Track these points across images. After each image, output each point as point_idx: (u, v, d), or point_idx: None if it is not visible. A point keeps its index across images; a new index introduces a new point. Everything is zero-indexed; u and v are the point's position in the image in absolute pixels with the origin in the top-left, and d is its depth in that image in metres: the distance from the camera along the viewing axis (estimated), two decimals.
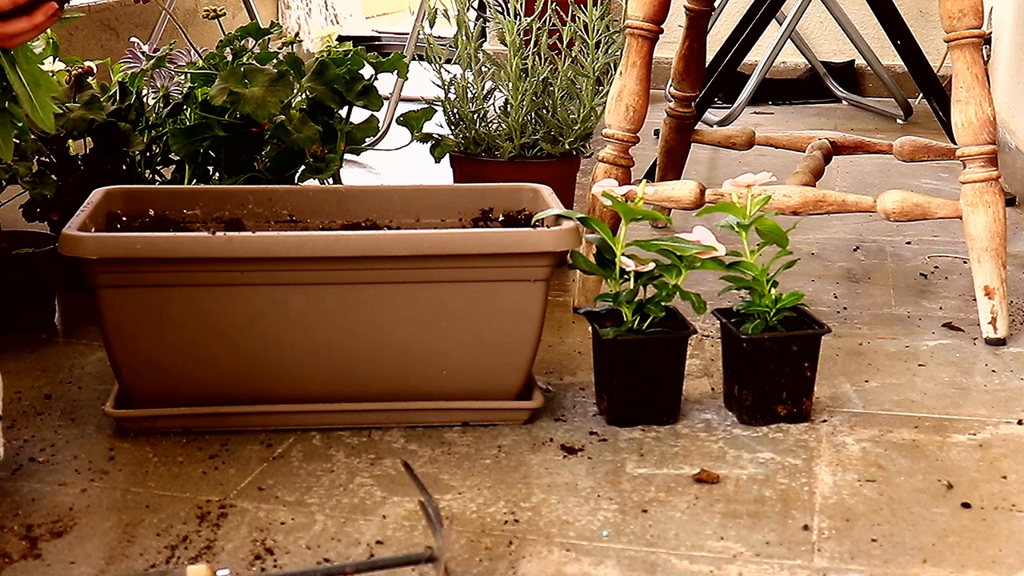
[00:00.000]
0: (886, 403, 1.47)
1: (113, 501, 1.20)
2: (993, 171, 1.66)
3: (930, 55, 3.08)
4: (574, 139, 2.00)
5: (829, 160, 2.14)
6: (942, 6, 1.64)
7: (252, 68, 1.70)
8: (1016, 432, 1.39)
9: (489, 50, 2.12)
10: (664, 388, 1.39)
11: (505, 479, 1.26)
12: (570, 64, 2.01)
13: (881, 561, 1.11)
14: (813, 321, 1.40)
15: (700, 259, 1.38)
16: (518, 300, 1.34)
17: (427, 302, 1.33)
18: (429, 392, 1.36)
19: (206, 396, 1.34)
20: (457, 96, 2.03)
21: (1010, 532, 1.16)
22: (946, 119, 2.40)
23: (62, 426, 1.38)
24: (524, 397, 1.39)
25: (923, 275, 1.99)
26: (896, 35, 2.85)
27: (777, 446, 1.34)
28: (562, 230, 1.33)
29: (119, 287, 1.31)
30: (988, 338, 1.66)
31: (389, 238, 1.32)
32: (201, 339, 1.32)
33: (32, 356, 1.59)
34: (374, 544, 1.12)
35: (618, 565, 1.09)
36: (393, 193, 1.54)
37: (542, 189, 1.51)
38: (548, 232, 1.33)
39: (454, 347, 1.34)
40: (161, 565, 1.08)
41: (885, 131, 3.32)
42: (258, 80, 1.68)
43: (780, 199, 1.72)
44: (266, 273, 1.31)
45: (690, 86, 2.19)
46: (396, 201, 1.54)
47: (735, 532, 1.15)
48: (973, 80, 1.65)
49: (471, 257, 1.32)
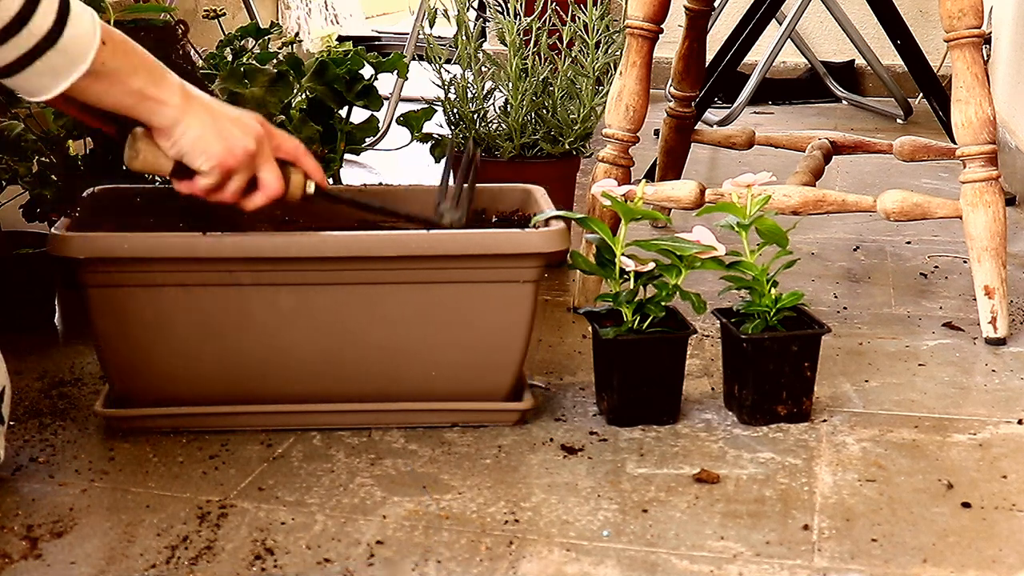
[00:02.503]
0: (886, 403, 1.47)
1: (113, 501, 1.21)
2: (993, 171, 1.66)
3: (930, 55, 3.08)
4: (574, 139, 2.00)
5: (829, 160, 2.14)
6: (942, 6, 1.64)
7: (252, 68, 1.70)
8: (1016, 432, 1.39)
9: (489, 50, 2.12)
10: (664, 388, 1.39)
11: (505, 479, 1.26)
12: (570, 64, 2.01)
13: (881, 561, 1.11)
14: (813, 321, 1.40)
15: (700, 259, 1.38)
16: (507, 301, 1.34)
17: (416, 303, 1.33)
18: (419, 393, 1.36)
19: (196, 396, 1.34)
20: (457, 96, 2.03)
21: (1010, 532, 1.16)
22: (946, 119, 2.40)
23: (62, 426, 1.38)
24: (515, 398, 1.39)
25: (923, 275, 1.99)
26: (896, 35, 2.85)
27: (777, 446, 1.34)
28: (551, 231, 1.33)
29: (107, 287, 1.31)
30: (988, 338, 1.67)
31: (377, 239, 1.32)
32: (190, 339, 1.32)
33: (32, 356, 1.59)
34: (374, 544, 1.12)
35: (618, 565, 1.10)
36: (386, 194, 1.54)
37: (535, 190, 1.51)
38: (537, 233, 1.33)
39: (443, 348, 1.34)
40: (161, 565, 1.08)
41: (885, 131, 3.32)
42: (258, 80, 1.68)
43: (780, 199, 1.72)
44: (255, 273, 1.31)
45: (690, 86, 2.19)
46: (389, 202, 1.53)
47: (735, 532, 1.15)
48: (973, 80, 1.65)
49: (459, 258, 1.31)
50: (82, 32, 1.13)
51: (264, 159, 1.27)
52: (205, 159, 1.23)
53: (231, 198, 1.27)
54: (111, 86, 1.17)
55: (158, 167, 1.25)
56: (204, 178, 1.25)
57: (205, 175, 1.24)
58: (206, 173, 1.24)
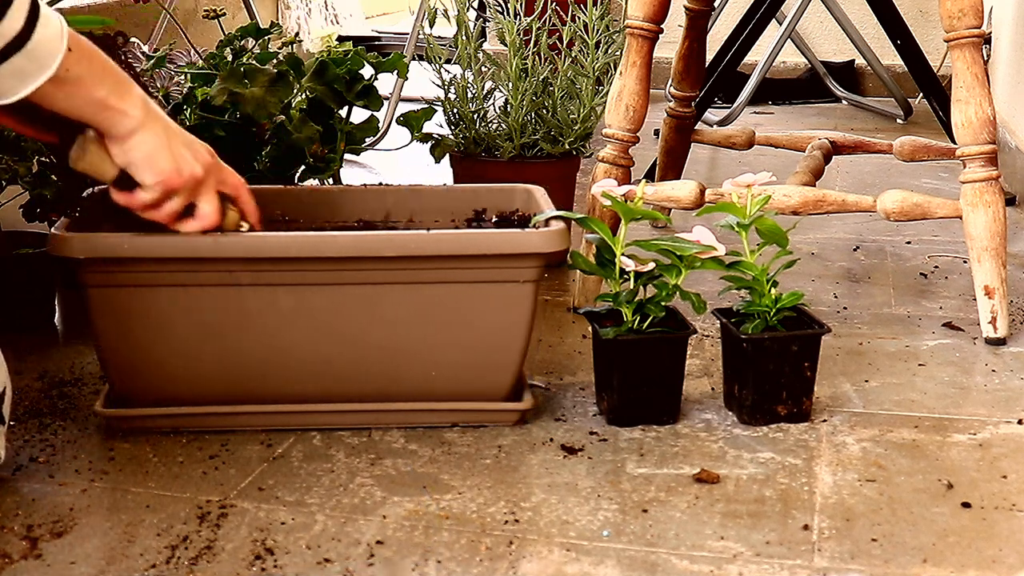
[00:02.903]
0: (886, 403, 1.47)
1: (113, 501, 1.21)
2: (993, 171, 1.66)
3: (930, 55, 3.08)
4: (574, 139, 2.00)
5: (829, 160, 2.14)
6: (942, 6, 1.64)
7: (252, 68, 1.70)
8: (1016, 432, 1.39)
9: (489, 50, 2.12)
10: (664, 388, 1.39)
11: (505, 479, 1.26)
12: (570, 64, 2.01)
13: (881, 561, 1.11)
14: (813, 321, 1.40)
15: (700, 259, 1.38)
16: (507, 301, 1.34)
17: (415, 303, 1.33)
18: (419, 393, 1.36)
19: (195, 396, 1.34)
20: (457, 96, 2.03)
21: (1010, 532, 1.16)
22: (946, 119, 2.40)
23: (62, 426, 1.38)
24: (515, 398, 1.39)
25: (923, 275, 1.99)
26: (896, 35, 2.85)
27: (777, 446, 1.34)
28: (550, 231, 1.33)
29: (106, 287, 1.31)
30: (988, 338, 1.67)
31: (376, 239, 1.32)
32: (190, 339, 1.32)
33: (32, 356, 1.59)
34: (374, 544, 1.12)
35: (618, 565, 1.10)
36: (386, 194, 1.54)
37: (535, 190, 1.51)
38: (536, 233, 1.33)
39: (443, 348, 1.34)
40: (161, 565, 1.08)
41: (885, 131, 3.32)
42: (258, 80, 1.68)
43: (780, 199, 1.72)
44: (254, 273, 1.31)
45: (690, 86, 2.19)
46: (389, 202, 1.54)
47: (735, 532, 1.15)
48: (973, 80, 1.65)
49: (459, 258, 1.31)
50: (50, 36, 1.12)
51: (207, 189, 1.29)
52: (152, 174, 1.24)
53: (165, 218, 1.28)
54: (74, 93, 1.17)
55: (101, 172, 1.25)
56: (145, 192, 1.25)
57: (147, 189, 1.25)
58: (149, 188, 1.25)
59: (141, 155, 1.23)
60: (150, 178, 1.24)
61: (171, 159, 1.24)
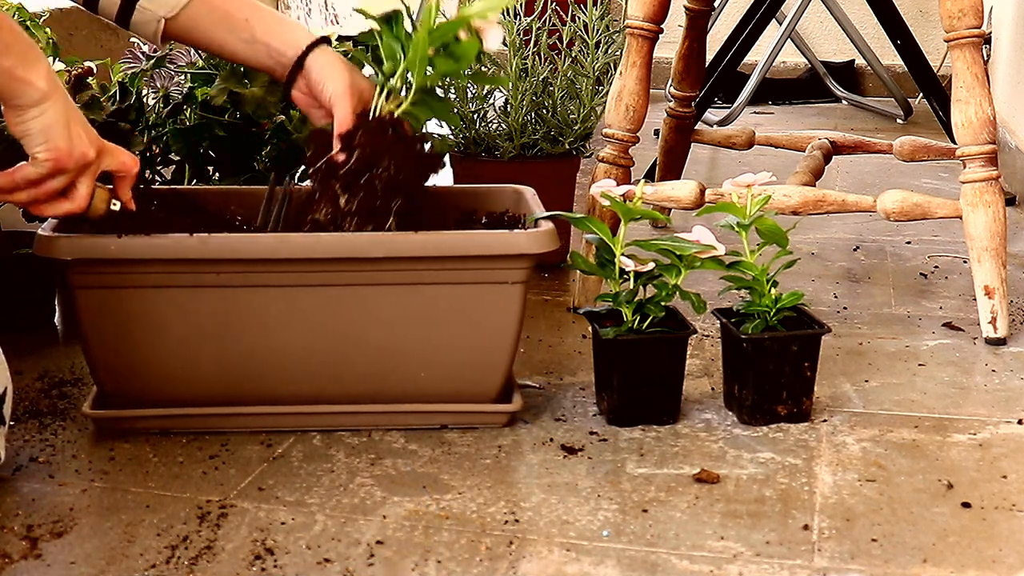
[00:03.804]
0: (886, 403, 1.47)
1: (113, 501, 1.21)
2: (993, 171, 1.67)
3: (930, 55, 3.08)
4: (574, 139, 2.00)
5: (829, 160, 2.15)
6: (942, 6, 1.64)
7: None
8: (1016, 432, 1.39)
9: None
10: (664, 388, 1.39)
11: (505, 479, 1.26)
12: (570, 64, 2.01)
13: (881, 561, 1.11)
14: (813, 321, 1.40)
15: (700, 259, 1.38)
16: (496, 303, 1.33)
17: (404, 304, 1.33)
18: (409, 395, 1.36)
19: (182, 397, 1.34)
20: (457, 96, 2.03)
21: (1010, 532, 1.16)
22: (946, 119, 2.40)
23: (62, 426, 1.38)
24: (504, 400, 1.38)
25: (923, 275, 1.99)
26: (896, 35, 2.86)
27: (777, 446, 1.34)
28: (539, 232, 1.33)
29: (94, 288, 1.31)
30: (988, 338, 1.67)
31: (365, 240, 1.32)
32: (177, 340, 1.32)
33: (32, 356, 1.59)
34: (374, 544, 1.12)
35: (618, 565, 1.10)
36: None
37: (524, 190, 1.51)
38: (524, 234, 1.33)
39: (432, 349, 1.34)
40: (161, 565, 1.08)
41: (885, 131, 3.32)
42: (258, 80, 1.68)
43: (780, 199, 1.72)
44: (243, 275, 1.31)
45: (690, 86, 2.19)
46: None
47: (735, 532, 1.15)
48: (973, 80, 1.65)
49: (447, 259, 1.31)
50: None
51: (90, 175, 1.28)
52: (45, 148, 1.23)
53: (43, 196, 1.26)
54: None
55: None
56: (33, 167, 1.24)
57: (36, 164, 1.24)
58: (39, 163, 1.23)
59: (39, 127, 1.22)
60: (43, 152, 1.23)
61: (66, 137, 1.23)
